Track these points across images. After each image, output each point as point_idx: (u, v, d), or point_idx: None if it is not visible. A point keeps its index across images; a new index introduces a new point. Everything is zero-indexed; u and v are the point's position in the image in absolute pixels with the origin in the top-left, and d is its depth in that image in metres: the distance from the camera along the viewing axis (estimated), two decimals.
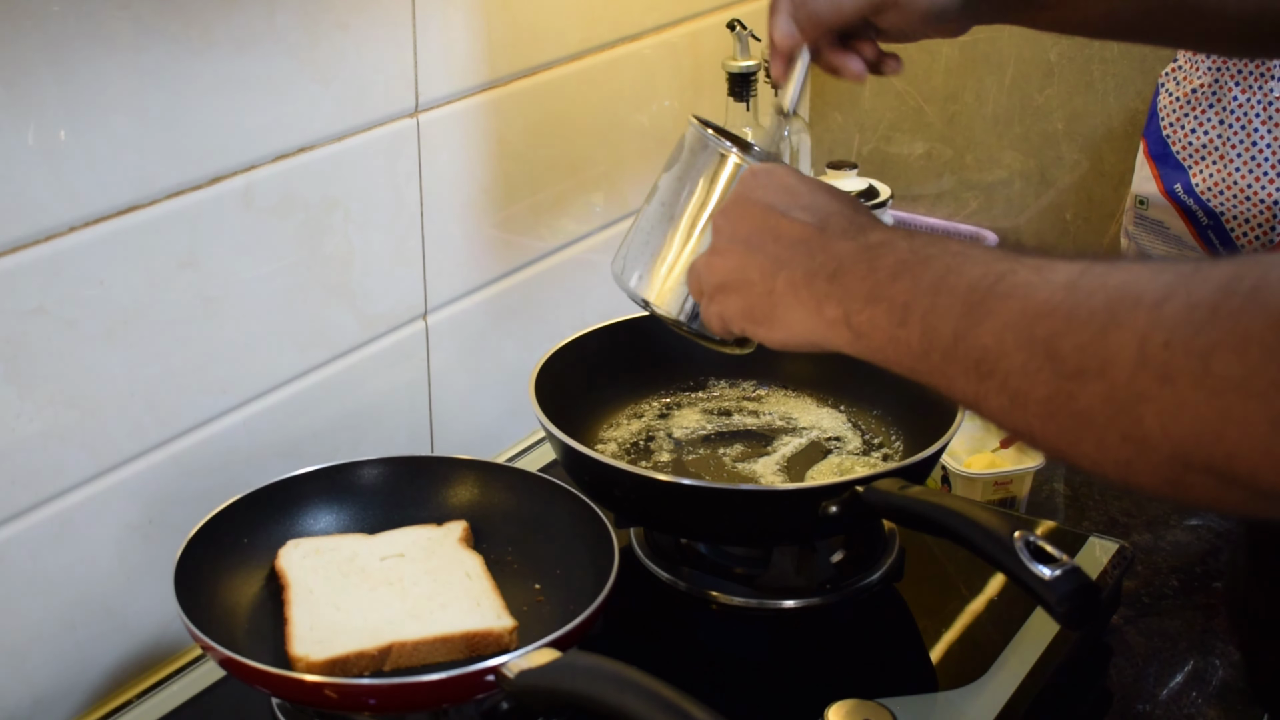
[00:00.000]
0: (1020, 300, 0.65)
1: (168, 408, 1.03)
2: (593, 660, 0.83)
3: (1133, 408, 0.58)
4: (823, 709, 0.92)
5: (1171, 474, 0.58)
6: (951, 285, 0.69)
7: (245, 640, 0.96)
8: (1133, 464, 0.60)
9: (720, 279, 0.85)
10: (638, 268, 0.99)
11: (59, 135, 0.91)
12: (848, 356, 1.27)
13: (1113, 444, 0.60)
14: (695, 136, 0.98)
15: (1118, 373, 0.59)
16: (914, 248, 0.74)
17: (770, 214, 0.83)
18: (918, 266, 0.72)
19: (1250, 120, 1.34)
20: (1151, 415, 0.58)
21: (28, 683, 0.98)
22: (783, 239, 0.82)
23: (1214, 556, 1.23)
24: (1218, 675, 1.07)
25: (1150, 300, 0.59)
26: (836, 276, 0.77)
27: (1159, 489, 0.60)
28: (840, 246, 0.78)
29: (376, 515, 1.08)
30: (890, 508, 0.99)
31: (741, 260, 0.84)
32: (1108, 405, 0.60)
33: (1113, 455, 0.60)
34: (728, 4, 1.54)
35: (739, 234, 0.84)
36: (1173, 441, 0.57)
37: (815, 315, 0.78)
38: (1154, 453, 0.58)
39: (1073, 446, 0.63)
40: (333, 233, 1.13)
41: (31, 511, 0.96)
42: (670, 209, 0.97)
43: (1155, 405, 0.57)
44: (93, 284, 0.95)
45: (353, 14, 1.09)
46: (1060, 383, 0.62)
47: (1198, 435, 0.56)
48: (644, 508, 1.07)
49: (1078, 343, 0.61)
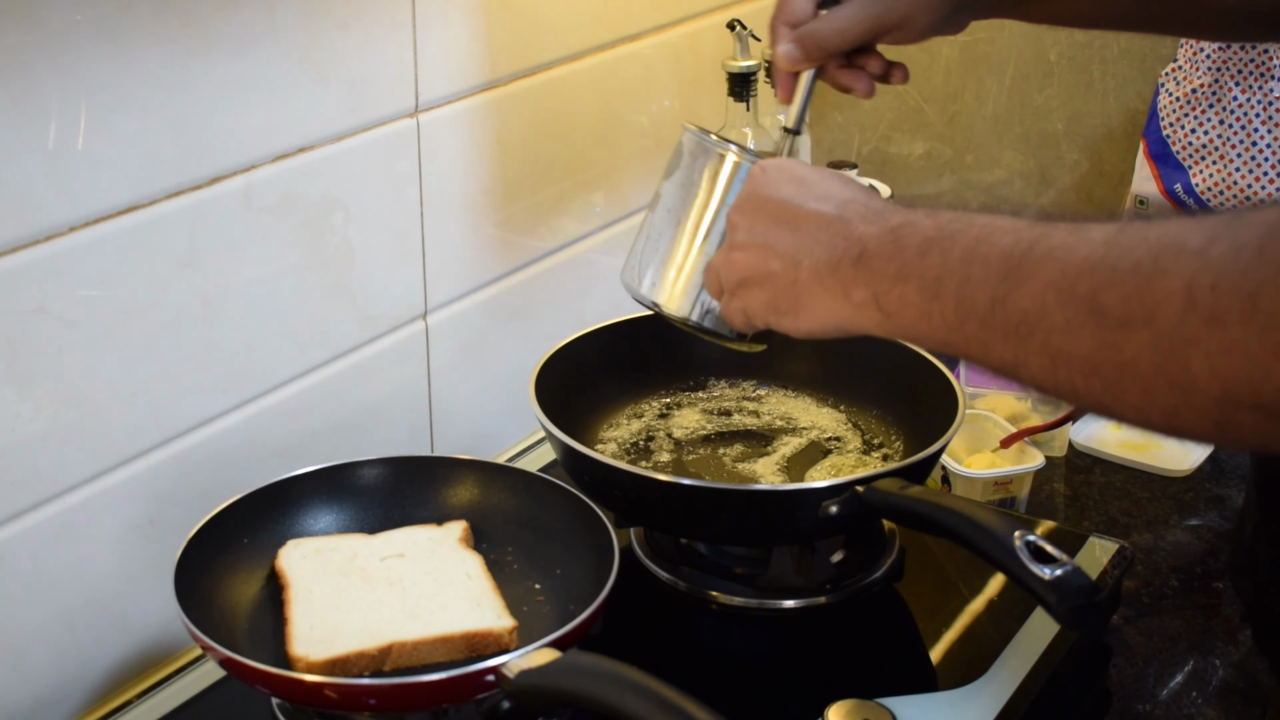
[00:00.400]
0: (1059, 260, 0.65)
1: (168, 408, 1.03)
2: (593, 660, 0.83)
3: (1180, 353, 0.59)
4: (823, 709, 0.92)
5: (1220, 416, 0.59)
6: (984, 255, 0.70)
7: (245, 640, 0.96)
8: (1180, 410, 0.61)
9: (741, 274, 0.86)
10: (648, 274, 1.00)
11: (59, 135, 0.91)
12: (847, 356, 1.28)
13: (1160, 392, 0.61)
14: (693, 141, 0.99)
15: (1164, 319, 0.59)
16: (939, 225, 0.74)
17: (786, 206, 0.84)
18: (945, 241, 0.73)
19: (1250, 120, 1.34)
20: (1199, 358, 0.58)
21: (28, 682, 0.98)
22: (802, 229, 0.82)
23: (1214, 556, 1.23)
24: (1218, 675, 1.07)
25: (1195, 246, 0.59)
26: (862, 260, 0.78)
27: (1206, 432, 0.61)
28: (862, 231, 0.79)
29: (376, 515, 1.08)
30: (890, 508, 0.99)
31: (762, 254, 0.85)
32: (1154, 353, 0.60)
33: (1159, 403, 0.61)
34: (728, 4, 1.54)
35: (756, 229, 0.85)
36: (1221, 382, 0.58)
37: (842, 300, 0.79)
38: (1202, 396, 0.59)
39: (1117, 399, 0.63)
40: (333, 233, 1.13)
41: (31, 511, 0.96)
42: (675, 214, 0.99)
43: (1203, 348, 0.58)
44: (93, 284, 0.95)
45: (353, 14, 1.09)
46: (1105, 335, 0.62)
47: (1247, 373, 0.57)
48: (644, 508, 1.07)
49: (1122, 294, 0.62)
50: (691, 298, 0.99)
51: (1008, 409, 1.35)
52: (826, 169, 0.88)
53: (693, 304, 0.99)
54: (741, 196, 0.89)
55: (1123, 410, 0.64)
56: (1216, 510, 1.30)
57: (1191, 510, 1.30)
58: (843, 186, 0.84)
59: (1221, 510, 1.30)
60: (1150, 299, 0.60)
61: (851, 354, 1.25)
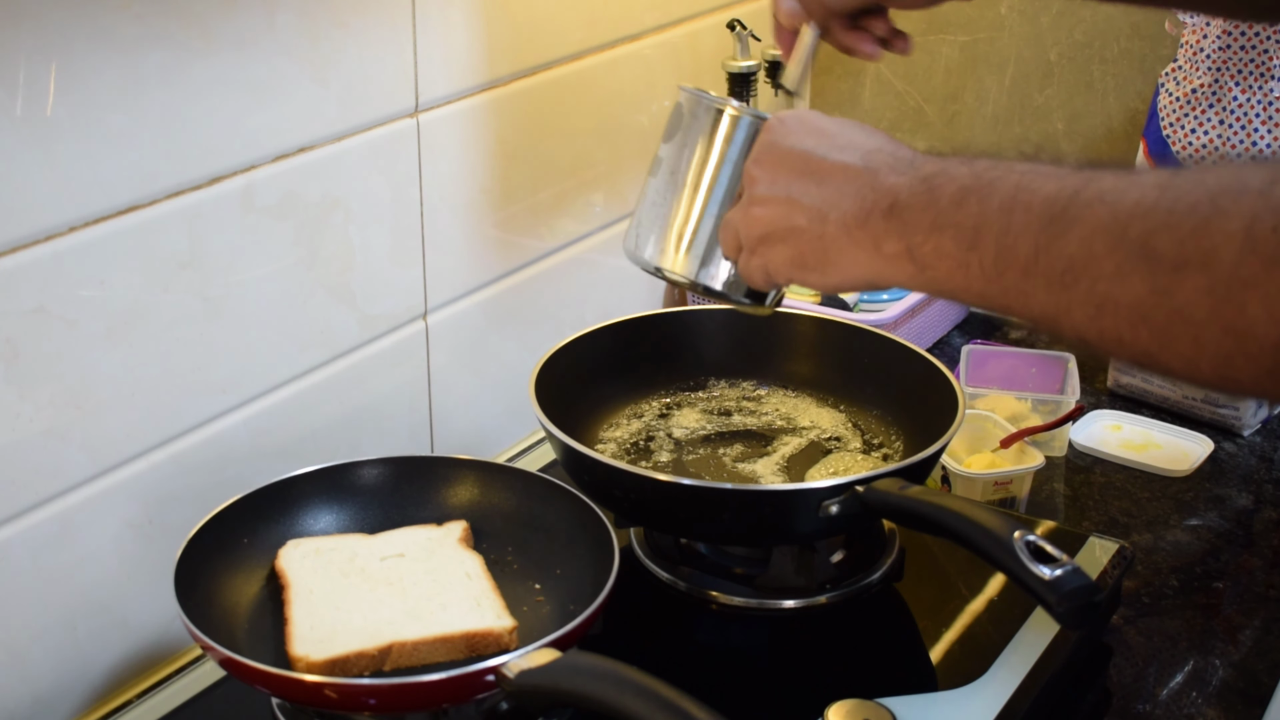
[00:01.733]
0: (1109, 205, 0.63)
1: (168, 408, 1.03)
2: (593, 660, 0.83)
3: (1237, 296, 0.57)
4: (823, 709, 0.92)
5: (1275, 362, 0.57)
6: (1025, 202, 0.67)
7: (245, 640, 0.96)
8: (1233, 358, 0.59)
9: (763, 230, 0.84)
10: (651, 238, 0.98)
11: (59, 135, 0.91)
12: (847, 356, 1.28)
13: (1212, 339, 0.59)
14: (691, 100, 0.97)
15: (1222, 262, 0.58)
16: (975, 172, 0.72)
17: (809, 158, 0.81)
18: (983, 189, 0.70)
19: (1250, 120, 1.34)
20: (1256, 302, 0.56)
21: (28, 682, 0.98)
22: (827, 182, 0.80)
23: (1214, 556, 1.23)
24: (1218, 675, 1.07)
25: (1257, 187, 0.58)
26: (894, 211, 0.75)
27: (1258, 382, 0.59)
28: (893, 181, 0.76)
29: (376, 515, 1.08)
30: (890, 508, 0.99)
31: (784, 208, 0.82)
32: (1209, 298, 0.58)
33: (1211, 351, 0.59)
34: (728, 4, 1.54)
35: (779, 182, 0.82)
36: (1279, 326, 0.56)
37: (874, 253, 0.76)
38: (1257, 342, 0.57)
39: (1166, 348, 0.61)
40: (333, 233, 1.13)
41: (31, 511, 0.96)
42: (678, 175, 0.97)
43: (1261, 291, 0.56)
44: (93, 284, 0.95)
45: (353, 14, 1.09)
46: (1156, 280, 0.60)
47: None
48: (644, 508, 1.07)
49: (1177, 236, 0.60)
50: (698, 259, 0.96)
51: (1008, 409, 1.35)
52: (845, 119, 0.85)
53: (699, 265, 0.96)
54: (759, 149, 0.86)
55: (1170, 361, 0.62)
56: (1216, 510, 1.30)
57: (1191, 510, 1.30)
58: (866, 136, 0.81)
59: (1221, 510, 1.30)
60: (1207, 241, 0.58)
61: (851, 354, 1.25)
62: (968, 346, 1.48)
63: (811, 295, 1.54)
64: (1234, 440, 1.41)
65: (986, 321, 1.68)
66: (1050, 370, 1.45)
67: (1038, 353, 1.48)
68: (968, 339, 1.59)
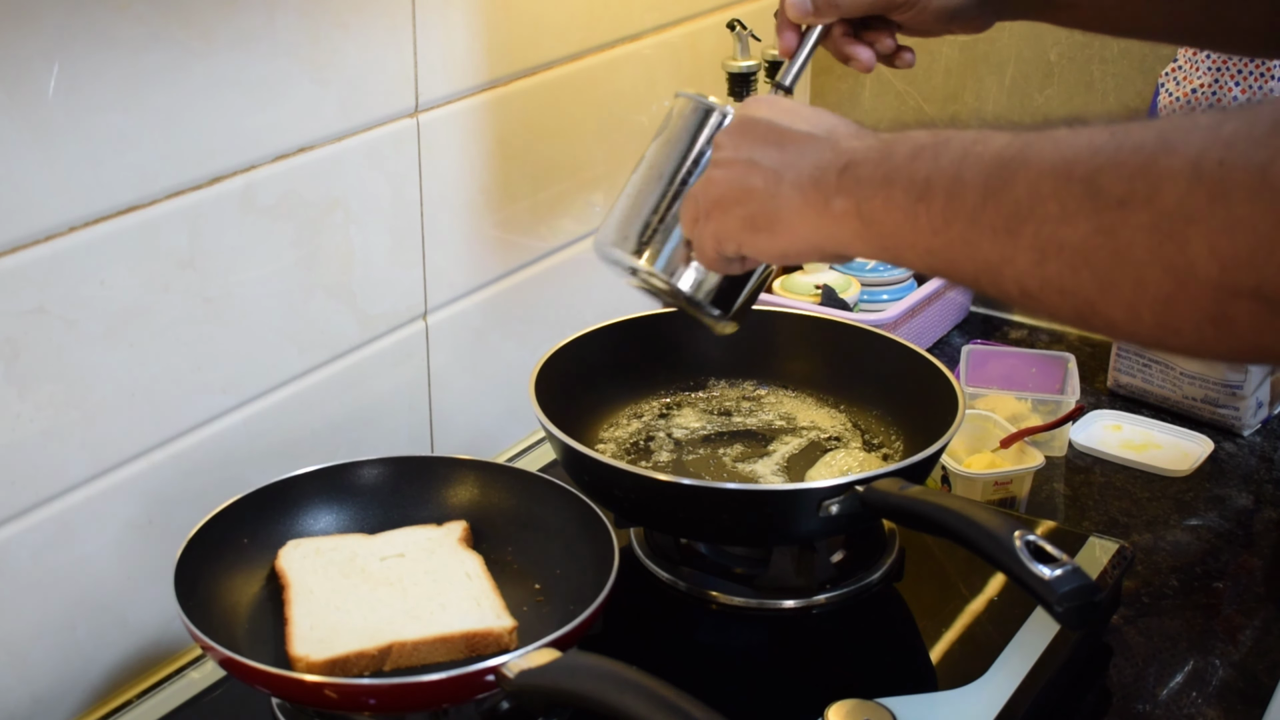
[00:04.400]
0: (1059, 148, 0.63)
1: (168, 408, 1.03)
2: (593, 660, 0.83)
3: (1180, 232, 0.56)
4: (823, 709, 0.92)
5: (1215, 307, 0.56)
6: (978, 154, 0.67)
7: (245, 640, 0.96)
8: (1174, 300, 0.58)
9: (719, 192, 0.84)
10: (617, 230, 0.98)
11: (59, 135, 0.91)
12: (847, 356, 1.27)
13: (1153, 280, 0.58)
14: (682, 102, 0.98)
15: (1167, 197, 0.57)
16: (933, 133, 0.72)
17: (774, 127, 0.82)
18: (938, 146, 0.70)
19: None
20: (1199, 238, 0.56)
21: (28, 682, 0.98)
22: (789, 146, 0.81)
23: (1214, 556, 1.23)
24: (1218, 675, 1.07)
25: (1206, 124, 0.57)
26: (848, 169, 0.76)
27: (1199, 330, 0.58)
28: (852, 144, 0.77)
29: (376, 515, 1.08)
30: (890, 508, 0.99)
31: (744, 170, 0.82)
32: (1152, 235, 0.58)
33: (1152, 294, 0.58)
34: (728, 4, 1.54)
35: (741, 147, 0.83)
36: (1220, 264, 0.55)
37: (822, 213, 0.77)
38: (1198, 282, 0.56)
39: (1106, 292, 0.60)
40: (333, 233, 1.13)
41: (31, 511, 0.96)
42: (656, 168, 0.97)
43: (1205, 226, 0.56)
44: (93, 284, 0.95)
45: (353, 14, 1.09)
46: (1101, 219, 0.60)
47: (1250, 253, 0.54)
48: (644, 508, 1.07)
49: (1123, 173, 0.59)
50: (662, 253, 0.95)
51: (1008, 409, 1.35)
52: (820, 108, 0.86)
53: (663, 259, 0.95)
54: (730, 124, 0.87)
55: (1111, 309, 0.61)
56: (1216, 510, 1.30)
57: (1191, 510, 1.30)
58: (834, 116, 0.82)
59: (1221, 510, 1.30)
60: (1154, 175, 0.58)
61: (851, 354, 1.25)
62: (968, 346, 1.48)
63: (812, 295, 1.54)
64: (1234, 440, 1.41)
65: (986, 321, 1.68)
66: (1050, 370, 1.45)
67: (1038, 353, 1.49)
68: (968, 339, 1.59)
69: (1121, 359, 1.49)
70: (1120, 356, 1.49)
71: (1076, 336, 1.64)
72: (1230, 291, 0.55)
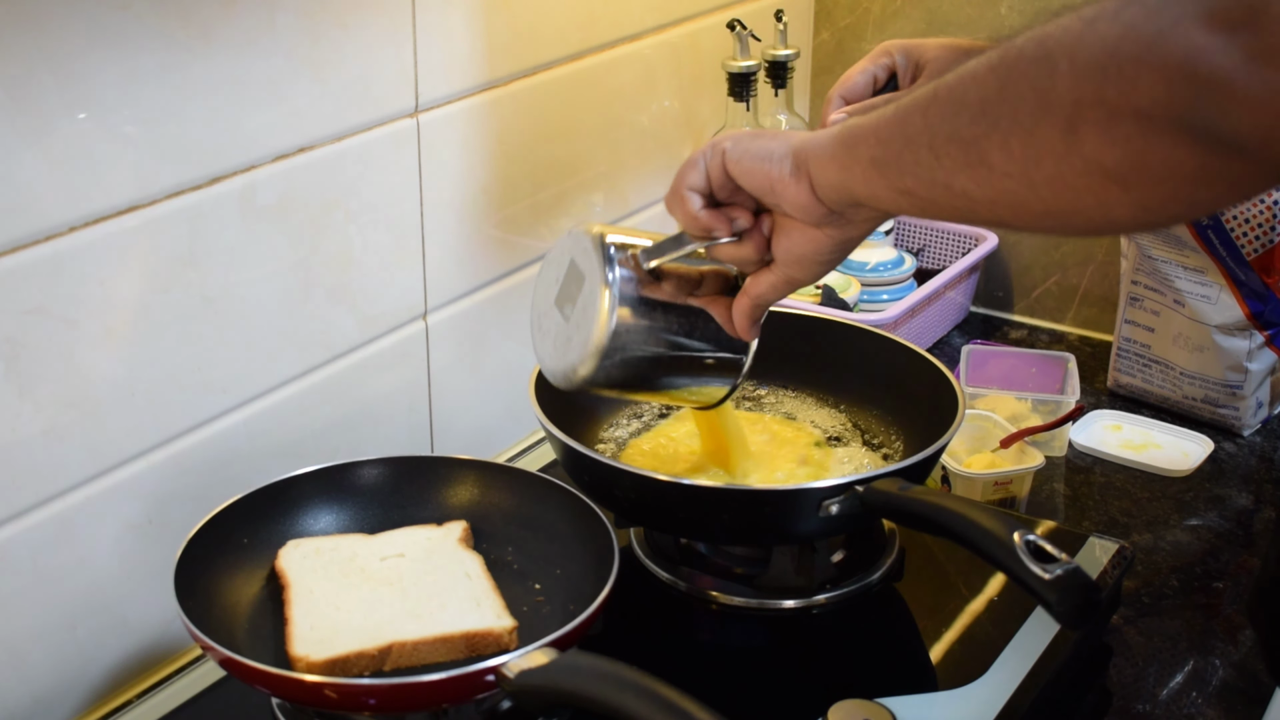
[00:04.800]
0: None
1: (168, 408, 1.03)
2: (593, 660, 0.83)
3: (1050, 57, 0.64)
4: (823, 709, 0.92)
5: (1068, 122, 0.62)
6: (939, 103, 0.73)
7: (245, 640, 0.96)
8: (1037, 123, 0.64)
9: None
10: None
11: (59, 135, 0.91)
12: (847, 356, 1.27)
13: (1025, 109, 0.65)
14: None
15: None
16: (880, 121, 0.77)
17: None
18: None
19: None
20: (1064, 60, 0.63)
21: (28, 682, 0.98)
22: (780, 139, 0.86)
23: (1214, 556, 1.23)
24: (1218, 675, 1.07)
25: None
26: (844, 135, 0.81)
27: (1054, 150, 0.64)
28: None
29: (376, 515, 1.08)
30: (890, 508, 0.99)
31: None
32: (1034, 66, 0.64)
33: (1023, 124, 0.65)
34: (728, 4, 1.54)
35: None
36: (1076, 74, 0.62)
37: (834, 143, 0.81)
38: (1058, 97, 0.63)
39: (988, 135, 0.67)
40: (333, 233, 1.13)
41: (31, 511, 0.96)
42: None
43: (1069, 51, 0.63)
44: (93, 284, 0.95)
45: (353, 14, 1.09)
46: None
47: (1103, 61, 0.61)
48: (644, 508, 1.07)
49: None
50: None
51: (1008, 409, 1.35)
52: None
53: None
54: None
55: (990, 149, 0.67)
56: (1216, 510, 1.30)
57: (1191, 510, 1.30)
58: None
59: (1221, 510, 1.30)
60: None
61: (851, 354, 1.25)
62: (968, 346, 1.48)
63: (812, 295, 1.54)
64: (1234, 440, 1.41)
65: (986, 321, 1.69)
66: (1050, 370, 1.45)
67: (1038, 353, 1.49)
68: (968, 339, 1.59)
69: (1121, 359, 1.49)
70: (1120, 356, 1.49)
71: (1077, 337, 1.64)
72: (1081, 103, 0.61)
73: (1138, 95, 0.59)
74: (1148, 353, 1.46)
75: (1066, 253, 1.65)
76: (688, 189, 0.89)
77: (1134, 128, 0.60)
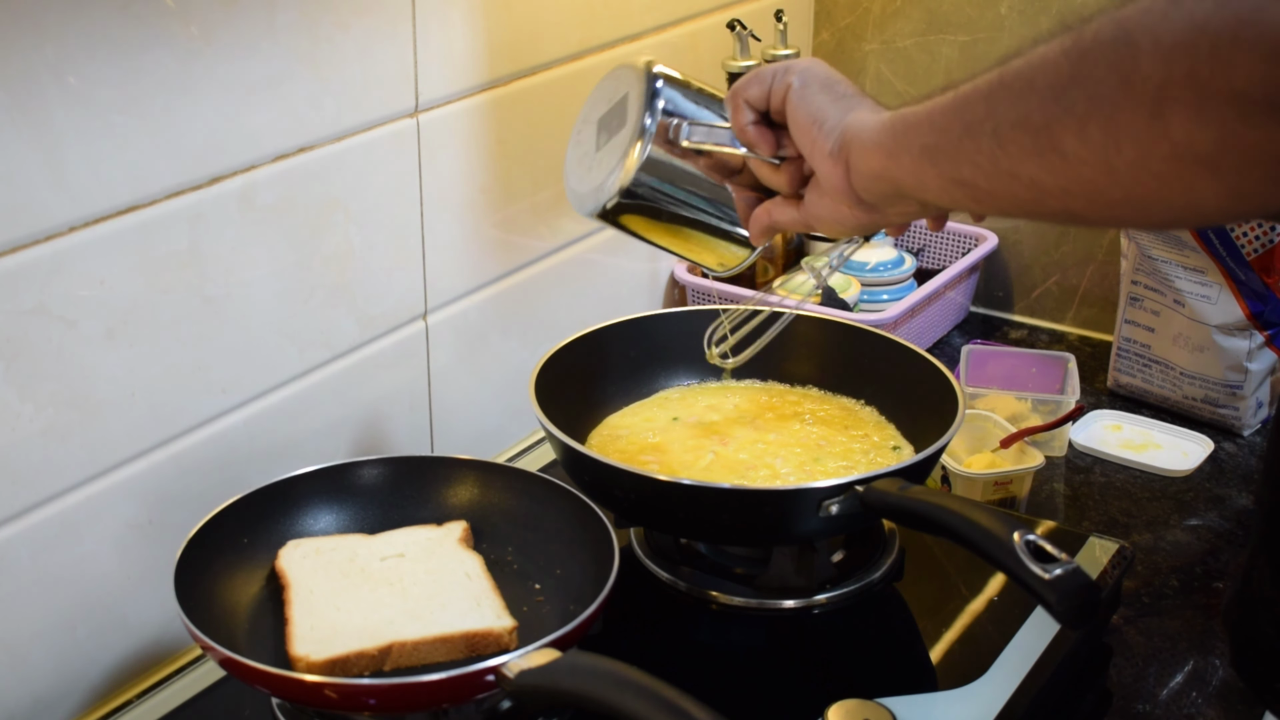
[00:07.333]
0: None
1: (168, 408, 1.03)
2: (593, 660, 0.83)
3: (1132, 39, 0.61)
4: (823, 709, 0.92)
5: (1155, 105, 0.59)
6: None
7: (245, 640, 0.96)
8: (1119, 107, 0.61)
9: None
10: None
11: (59, 135, 0.91)
12: (847, 356, 1.27)
13: (1106, 92, 0.62)
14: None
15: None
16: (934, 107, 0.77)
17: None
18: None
19: None
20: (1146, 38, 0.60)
21: (28, 682, 0.98)
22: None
23: (1214, 556, 1.23)
24: (1218, 675, 1.07)
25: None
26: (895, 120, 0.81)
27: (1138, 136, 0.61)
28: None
29: (376, 515, 1.08)
30: (890, 508, 0.99)
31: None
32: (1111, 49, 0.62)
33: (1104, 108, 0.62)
34: (728, 4, 1.54)
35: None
36: (1162, 56, 0.59)
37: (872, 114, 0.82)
38: (1142, 79, 0.60)
39: (1061, 118, 0.65)
40: (333, 233, 1.13)
41: (31, 511, 0.96)
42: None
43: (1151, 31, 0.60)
44: (93, 284, 0.95)
45: (353, 14, 1.09)
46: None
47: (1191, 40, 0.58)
48: (644, 508, 1.07)
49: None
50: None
51: (1008, 409, 1.35)
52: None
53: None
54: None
55: (1063, 134, 0.65)
56: (1216, 510, 1.30)
57: (1191, 510, 1.30)
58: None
59: (1221, 510, 1.30)
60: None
61: (851, 354, 1.25)
62: (968, 346, 1.48)
63: (812, 295, 1.54)
64: (1234, 440, 1.41)
65: (986, 321, 1.69)
66: (1050, 370, 1.45)
67: (1038, 353, 1.49)
68: (968, 339, 1.59)
69: (1121, 359, 1.49)
70: (1120, 356, 1.49)
71: (1077, 337, 1.64)
72: (1168, 82, 0.59)
73: (1233, 74, 0.56)
74: (1148, 353, 1.46)
75: (1066, 253, 1.65)
76: (745, 99, 0.89)
77: (1228, 109, 0.57)
